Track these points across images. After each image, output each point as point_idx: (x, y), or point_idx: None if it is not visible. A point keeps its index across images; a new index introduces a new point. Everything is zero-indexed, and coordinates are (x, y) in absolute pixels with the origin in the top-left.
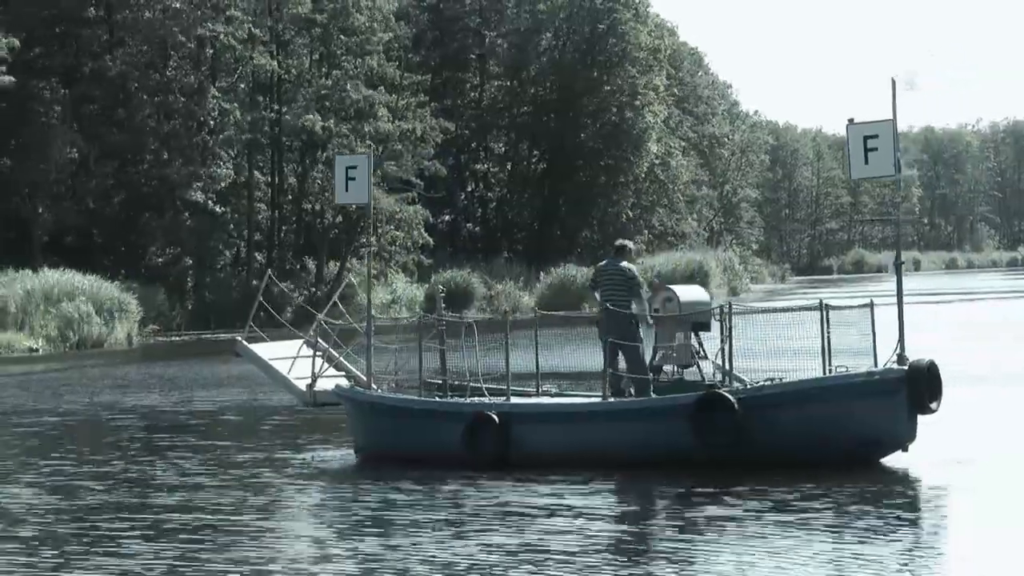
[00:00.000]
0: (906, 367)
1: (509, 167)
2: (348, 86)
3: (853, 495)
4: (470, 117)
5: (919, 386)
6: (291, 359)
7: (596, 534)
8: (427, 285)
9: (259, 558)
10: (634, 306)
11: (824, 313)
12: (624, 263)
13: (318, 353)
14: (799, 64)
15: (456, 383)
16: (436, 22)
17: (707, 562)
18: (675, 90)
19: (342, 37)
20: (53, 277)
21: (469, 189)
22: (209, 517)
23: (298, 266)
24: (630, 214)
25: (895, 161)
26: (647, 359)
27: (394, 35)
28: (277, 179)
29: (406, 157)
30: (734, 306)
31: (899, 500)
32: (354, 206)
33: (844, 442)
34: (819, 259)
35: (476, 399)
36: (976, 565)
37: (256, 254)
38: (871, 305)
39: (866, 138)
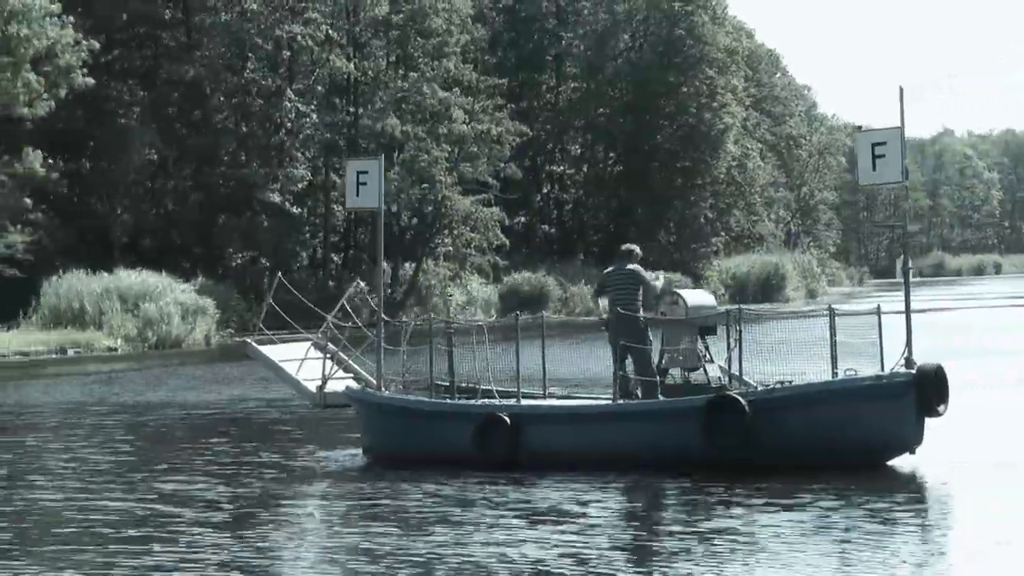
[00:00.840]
0: (914, 371)
1: (585, 169)
2: (425, 88)
3: (860, 497)
4: (546, 119)
5: (926, 390)
6: (299, 361)
7: (604, 535)
8: (501, 286)
9: (264, 558)
10: (657, 287)
11: (832, 318)
12: (631, 266)
13: (327, 355)
14: (878, 66)
15: (464, 385)
16: (512, 23)
17: (713, 562)
18: (752, 91)
19: (419, 39)
20: (131, 278)
21: (545, 191)
22: (210, 515)
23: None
24: (710, 215)
25: (902, 168)
26: (654, 362)
27: (471, 37)
28: None
29: (482, 159)
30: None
31: (905, 502)
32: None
33: (852, 444)
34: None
35: (487, 400)
36: (982, 566)
37: (332, 255)
38: (879, 311)
39: (874, 145)
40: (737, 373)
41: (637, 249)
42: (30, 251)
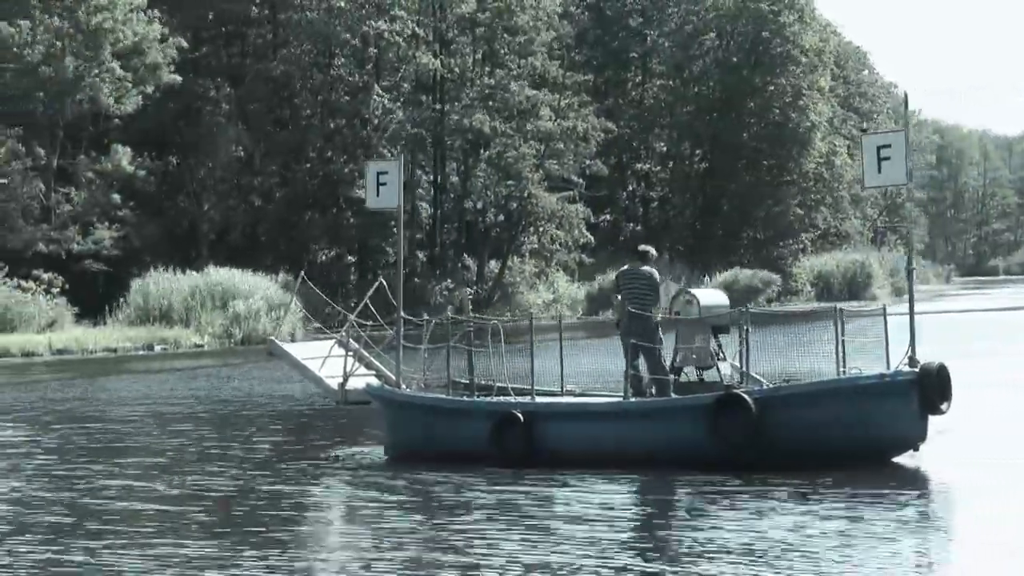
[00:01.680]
0: (916, 369)
1: (671, 166)
2: (512, 85)
3: (865, 494)
4: (632, 116)
5: (929, 388)
6: (322, 358)
7: (612, 533)
8: (588, 284)
9: (286, 556)
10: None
11: (837, 317)
12: (645, 267)
13: (349, 352)
14: (961, 65)
15: (483, 383)
16: (598, 21)
17: (724, 557)
18: (839, 89)
19: (505, 36)
20: (218, 275)
21: (630, 188)
22: (234, 515)
23: (459, 264)
24: (799, 212)
25: (906, 170)
26: (668, 361)
27: (557, 34)
28: (439, 177)
29: (568, 156)
30: (751, 309)
31: (909, 498)
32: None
33: (857, 441)
34: (985, 260)
35: (502, 398)
36: (985, 563)
37: (418, 252)
38: (884, 311)
39: (879, 148)
40: (746, 371)
41: (652, 250)
42: (117, 247)
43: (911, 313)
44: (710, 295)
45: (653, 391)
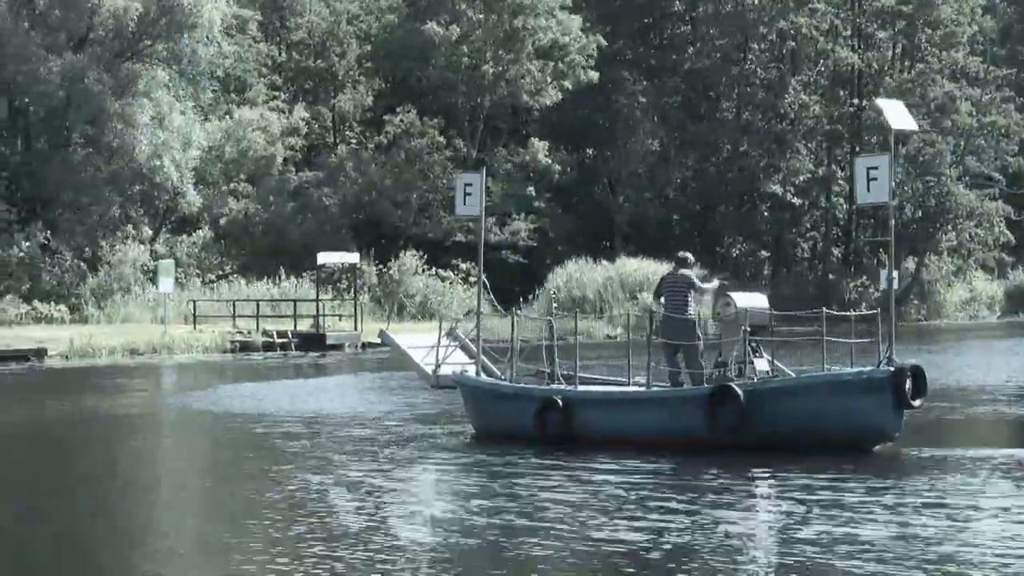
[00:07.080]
0: (892, 368)
1: None
2: (931, 80)
3: (845, 481)
4: None
5: (903, 385)
6: (428, 348)
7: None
8: (1006, 282)
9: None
10: (705, 294)
11: (823, 320)
12: (684, 271)
13: (448, 344)
14: None
15: (565, 373)
16: (1023, 15)
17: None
18: None
19: (927, 30)
20: (631, 266)
21: None
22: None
23: (874, 261)
24: None
25: (890, 189)
26: (714, 358)
27: (979, 28)
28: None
29: (988, 152)
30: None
31: (885, 485)
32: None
33: (835, 432)
34: None
35: (551, 385)
36: (953, 552)
37: (832, 248)
38: (877, 313)
39: (868, 169)
40: (764, 362)
41: (691, 256)
42: (533, 238)
43: (892, 317)
44: (747, 298)
45: (689, 384)
